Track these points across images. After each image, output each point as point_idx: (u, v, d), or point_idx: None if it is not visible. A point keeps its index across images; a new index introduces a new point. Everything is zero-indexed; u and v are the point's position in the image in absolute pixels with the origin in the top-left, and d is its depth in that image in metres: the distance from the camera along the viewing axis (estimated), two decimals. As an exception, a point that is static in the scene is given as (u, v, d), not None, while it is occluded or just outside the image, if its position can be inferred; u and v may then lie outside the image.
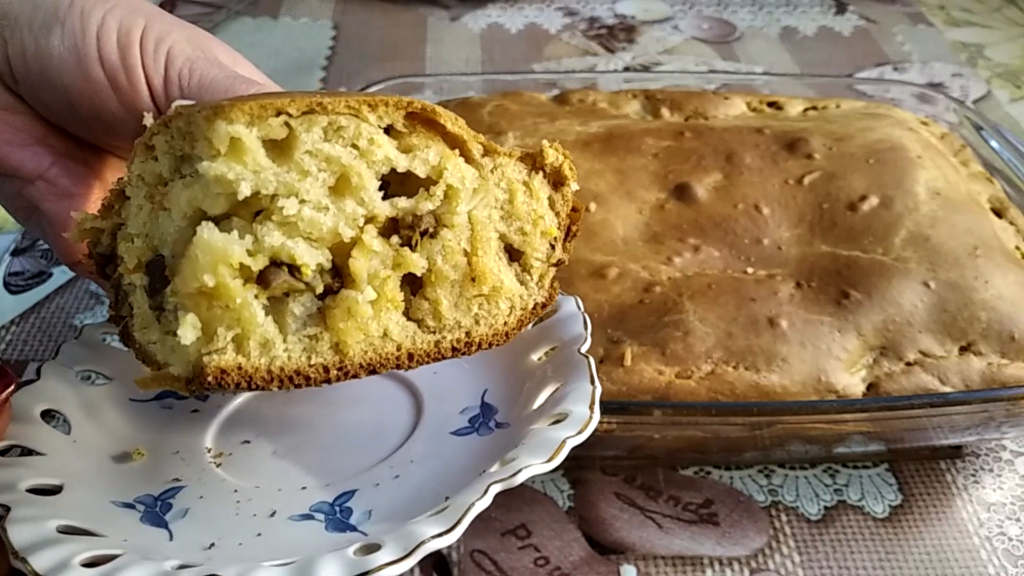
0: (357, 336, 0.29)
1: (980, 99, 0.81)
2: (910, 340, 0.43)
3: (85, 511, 0.32)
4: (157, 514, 0.33)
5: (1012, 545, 0.45)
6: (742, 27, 0.91)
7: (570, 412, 0.32)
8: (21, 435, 0.35)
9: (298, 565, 0.27)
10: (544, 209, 0.33)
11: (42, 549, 0.29)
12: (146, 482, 0.35)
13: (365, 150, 0.29)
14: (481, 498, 0.28)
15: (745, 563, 0.44)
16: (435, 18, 0.91)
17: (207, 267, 0.27)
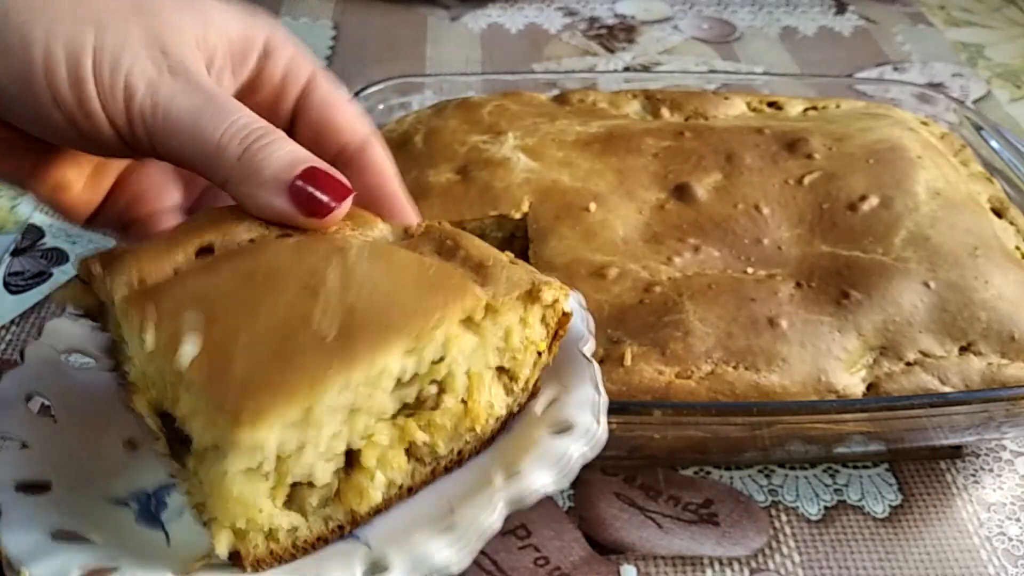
0: (368, 503, 0.31)
1: (980, 99, 0.81)
2: (910, 340, 0.43)
3: (77, 510, 0.31)
4: (152, 513, 0.32)
5: (1012, 545, 0.45)
6: (742, 27, 0.91)
7: (576, 424, 0.32)
8: (5, 425, 0.33)
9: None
10: (536, 332, 0.34)
11: (39, 559, 0.28)
12: (138, 476, 0.34)
13: (377, 383, 0.29)
14: (493, 522, 0.29)
15: (745, 563, 0.44)
16: (435, 18, 0.91)
17: (238, 513, 0.28)
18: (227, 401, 0.26)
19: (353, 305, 0.28)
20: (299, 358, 0.27)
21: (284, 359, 0.27)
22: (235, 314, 0.28)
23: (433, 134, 0.55)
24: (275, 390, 0.26)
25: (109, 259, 0.32)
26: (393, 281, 0.30)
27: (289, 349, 0.27)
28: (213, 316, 0.28)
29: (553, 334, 0.35)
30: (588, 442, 0.31)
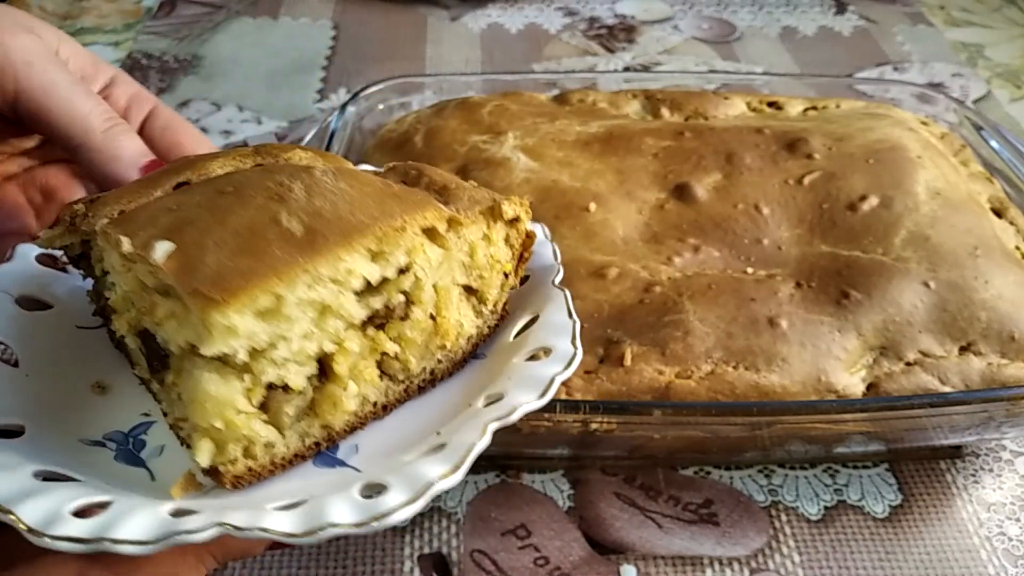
0: (343, 416, 0.32)
1: (980, 99, 0.81)
2: (910, 340, 0.43)
3: (54, 453, 0.30)
4: (131, 452, 0.32)
5: (1012, 545, 0.45)
6: (742, 27, 0.91)
7: (553, 347, 0.33)
8: None
9: (307, 510, 0.27)
10: (501, 251, 0.35)
11: (26, 499, 0.27)
12: (112, 418, 0.33)
13: (344, 281, 0.30)
14: (482, 439, 0.29)
15: (745, 563, 0.44)
16: (435, 18, 0.91)
17: (214, 413, 0.28)
18: (200, 287, 0.26)
19: (319, 209, 0.30)
20: (268, 250, 0.28)
21: (253, 252, 0.28)
22: (205, 220, 0.29)
23: (433, 134, 0.55)
24: (245, 276, 0.27)
25: (91, 201, 0.34)
26: (357, 193, 0.31)
27: (258, 244, 0.28)
28: (184, 221, 0.29)
29: (519, 256, 0.36)
30: (565, 364, 0.32)
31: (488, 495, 0.46)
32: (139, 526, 0.26)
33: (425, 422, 0.33)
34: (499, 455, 0.48)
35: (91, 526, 0.26)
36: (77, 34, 0.87)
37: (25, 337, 0.35)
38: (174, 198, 0.32)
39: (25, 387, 0.33)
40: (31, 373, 0.34)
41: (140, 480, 0.31)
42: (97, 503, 0.27)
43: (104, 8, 0.91)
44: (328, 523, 0.26)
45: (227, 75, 0.81)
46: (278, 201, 0.30)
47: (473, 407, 0.32)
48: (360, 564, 0.43)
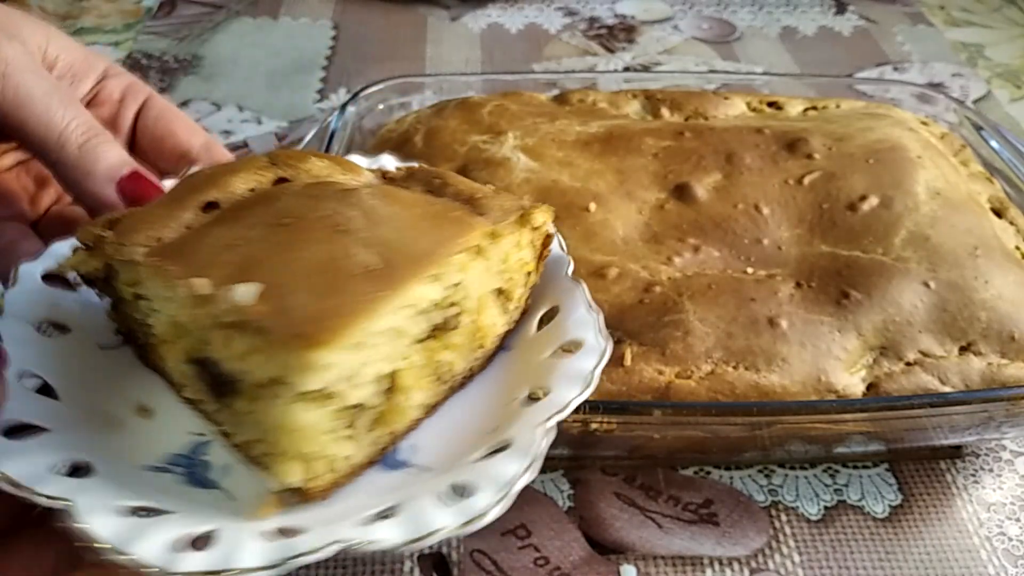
0: (406, 422, 0.33)
1: (980, 99, 0.81)
2: (910, 340, 0.43)
3: (130, 486, 0.29)
4: (200, 474, 0.32)
5: (1012, 545, 0.45)
6: (742, 27, 0.91)
7: (584, 340, 0.34)
8: (16, 410, 0.31)
9: (407, 517, 0.28)
10: (527, 254, 0.37)
11: (138, 539, 0.26)
12: (165, 441, 0.33)
13: (414, 305, 0.31)
14: (546, 436, 0.30)
15: (745, 563, 0.44)
16: (435, 18, 0.91)
17: (305, 440, 0.29)
18: (294, 329, 0.27)
19: (385, 239, 0.31)
20: (351, 286, 0.29)
21: (337, 291, 0.29)
22: (275, 257, 0.30)
23: (433, 134, 0.55)
24: (338, 315, 0.28)
25: (113, 223, 0.33)
26: (408, 216, 0.33)
27: (340, 280, 0.29)
28: (253, 260, 0.30)
29: (539, 255, 0.37)
30: (599, 357, 0.34)
31: (488, 495, 0.46)
32: (257, 552, 0.26)
33: (472, 418, 0.34)
34: (499, 455, 0.48)
35: (214, 558, 0.26)
36: (77, 34, 0.87)
37: (55, 367, 0.34)
38: (224, 232, 0.32)
39: (74, 421, 0.32)
40: (72, 405, 0.33)
41: (219, 501, 0.31)
42: (203, 533, 0.27)
43: (104, 8, 0.91)
44: (433, 529, 0.27)
45: (227, 75, 0.81)
46: (343, 233, 0.31)
47: (518, 401, 0.33)
48: (360, 564, 0.43)
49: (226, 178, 0.35)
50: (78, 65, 0.40)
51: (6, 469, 0.27)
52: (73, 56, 0.40)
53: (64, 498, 0.27)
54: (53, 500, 0.27)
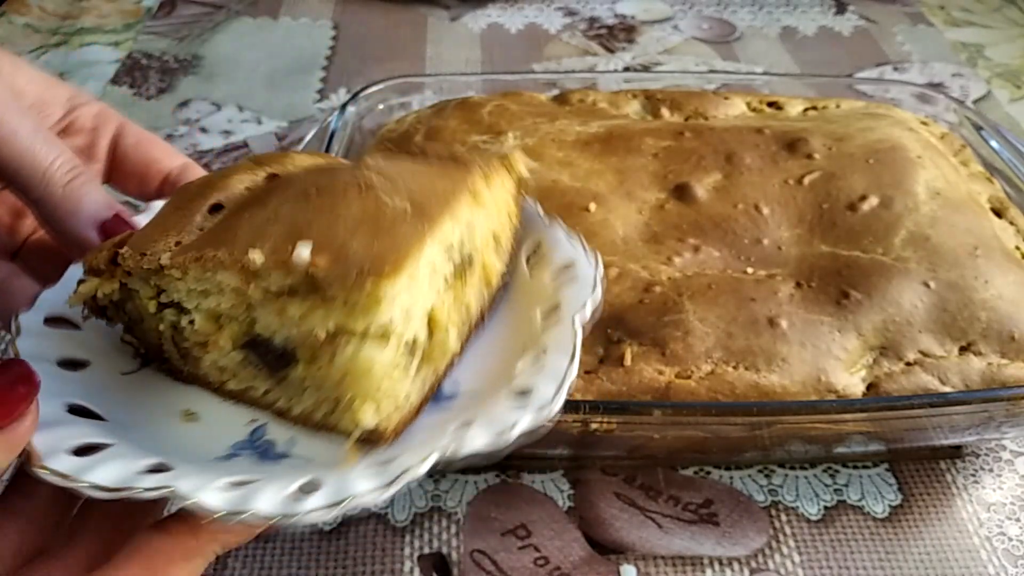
0: (447, 360, 0.35)
1: (980, 99, 0.81)
2: (910, 340, 0.43)
3: (214, 472, 0.30)
4: (270, 451, 0.33)
5: (1012, 545, 0.45)
6: (742, 27, 0.91)
7: (575, 259, 0.37)
8: (76, 434, 0.31)
9: (486, 421, 0.30)
10: (510, 198, 0.40)
11: (250, 499, 0.28)
12: (223, 434, 0.34)
13: (444, 243, 0.34)
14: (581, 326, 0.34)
15: (745, 563, 0.44)
16: (435, 18, 0.91)
17: (377, 378, 0.31)
18: (360, 272, 0.29)
19: (408, 188, 0.34)
20: (395, 229, 0.31)
21: (384, 233, 0.31)
22: (315, 220, 0.31)
23: (433, 134, 0.55)
24: (394, 251, 0.30)
25: (119, 245, 0.33)
26: (416, 172, 0.36)
27: (383, 226, 0.31)
28: (298, 226, 0.31)
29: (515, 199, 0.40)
30: (595, 266, 0.37)
31: (488, 495, 0.46)
32: (367, 477, 0.29)
33: (500, 347, 0.37)
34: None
35: (329, 494, 0.28)
36: (77, 34, 0.87)
37: (90, 395, 0.34)
38: (253, 216, 0.33)
39: (133, 435, 0.33)
40: (120, 425, 0.33)
41: (299, 466, 0.32)
42: (306, 482, 0.29)
43: (104, 8, 0.91)
44: (513, 424, 0.30)
45: (227, 75, 0.81)
46: (370, 189, 0.33)
47: (536, 320, 0.36)
48: (360, 564, 0.43)
49: (222, 181, 0.36)
50: (46, 95, 0.40)
51: (94, 479, 0.28)
52: (40, 87, 0.40)
53: (164, 486, 0.28)
54: (155, 491, 0.28)
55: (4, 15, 0.89)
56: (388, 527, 0.45)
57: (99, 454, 0.30)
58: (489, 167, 0.38)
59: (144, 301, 0.34)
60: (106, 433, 0.32)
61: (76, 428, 0.31)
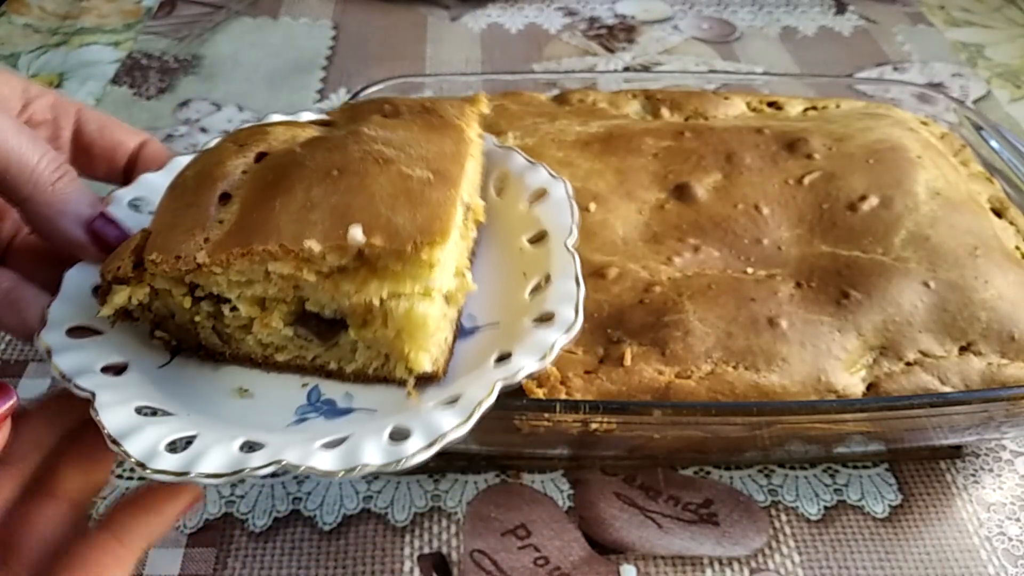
0: (464, 298, 0.39)
1: (980, 99, 0.81)
2: (910, 340, 0.43)
3: (300, 436, 0.33)
4: (333, 409, 0.36)
5: (1012, 545, 0.45)
6: (742, 27, 0.91)
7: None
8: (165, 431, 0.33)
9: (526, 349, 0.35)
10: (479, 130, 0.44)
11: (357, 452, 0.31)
12: (283, 402, 0.37)
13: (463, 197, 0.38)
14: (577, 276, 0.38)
15: (745, 563, 0.44)
16: (435, 18, 0.91)
17: (431, 329, 0.35)
18: (414, 244, 0.33)
19: (419, 155, 0.37)
20: (426, 197, 0.35)
21: (419, 202, 0.35)
22: (353, 201, 0.34)
23: (433, 134, 0.55)
24: (436, 219, 0.34)
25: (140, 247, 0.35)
26: (415, 138, 0.38)
27: (415, 196, 0.35)
28: (338, 209, 0.34)
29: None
30: (566, 191, 0.41)
31: (488, 495, 0.46)
32: (454, 413, 0.32)
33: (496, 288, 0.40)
34: (499, 455, 0.48)
35: (427, 435, 0.31)
36: (77, 34, 0.87)
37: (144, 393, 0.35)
38: (289, 202, 0.35)
39: (204, 421, 0.34)
40: (188, 414, 0.35)
41: (368, 417, 0.36)
42: (396, 428, 0.32)
43: (104, 8, 0.91)
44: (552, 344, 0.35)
45: (227, 75, 0.81)
46: (389, 163, 0.36)
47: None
48: (360, 564, 0.43)
49: (216, 169, 0.37)
50: (3, 90, 0.40)
51: (205, 469, 0.30)
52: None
53: (275, 460, 0.30)
54: (267, 466, 0.30)
55: (4, 15, 0.89)
56: (388, 527, 0.45)
57: (195, 445, 0.32)
58: (463, 113, 0.41)
59: (178, 298, 0.36)
60: (185, 425, 0.33)
61: (157, 427, 0.33)
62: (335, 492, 0.46)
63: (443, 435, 0.31)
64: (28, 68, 0.81)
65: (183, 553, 0.44)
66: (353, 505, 0.46)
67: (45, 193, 0.35)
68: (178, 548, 0.44)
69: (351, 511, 0.46)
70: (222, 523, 0.45)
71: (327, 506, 0.46)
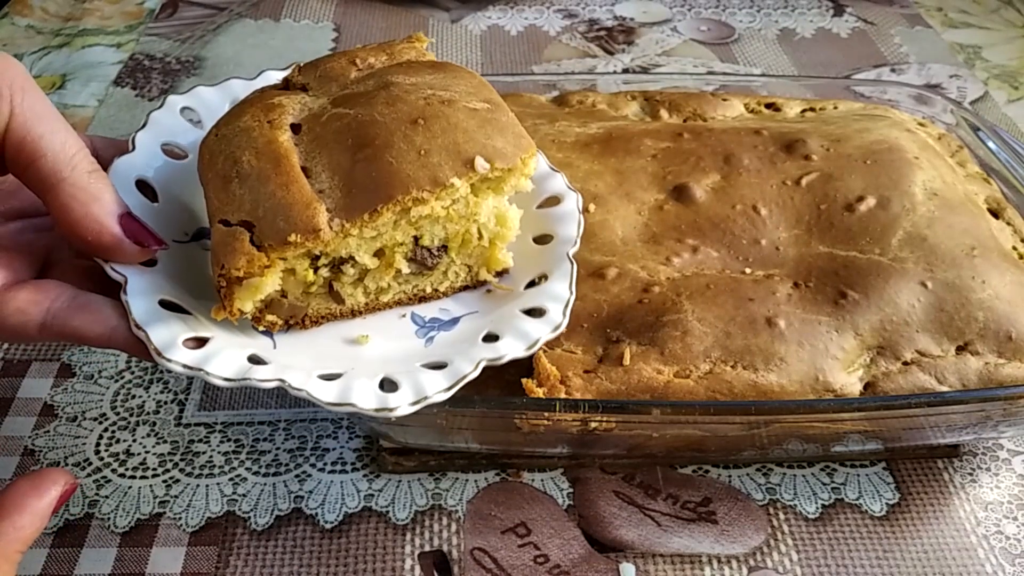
0: None
1: (977, 100, 0.82)
2: (907, 340, 0.43)
3: (441, 352, 0.39)
4: (443, 323, 0.41)
5: (1009, 543, 0.45)
6: (740, 29, 0.92)
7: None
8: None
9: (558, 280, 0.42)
10: None
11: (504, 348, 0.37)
12: (399, 334, 0.41)
13: None
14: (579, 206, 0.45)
15: (743, 561, 0.44)
16: (435, 20, 0.91)
17: (515, 227, 0.42)
18: (520, 156, 0.39)
19: (464, 91, 0.41)
20: (501, 122, 0.40)
21: (501, 128, 0.40)
22: (458, 140, 0.38)
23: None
24: (520, 137, 0.40)
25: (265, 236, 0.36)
26: (441, 78, 0.41)
27: (492, 124, 0.40)
28: (453, 150, 0.38)
29: None
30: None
31: (488, 493, 0.47)
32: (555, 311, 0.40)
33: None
34: (499, 454, 0.48)
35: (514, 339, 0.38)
36: (79, 35, 0.87)
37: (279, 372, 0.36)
38: (396, 157, 0.37)
39: (358, 373, 0.37)
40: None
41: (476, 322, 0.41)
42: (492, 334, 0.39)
43: (106, 10, 0.92)
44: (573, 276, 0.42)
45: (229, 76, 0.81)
46: (452, 103, 0.39)
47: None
48: (361, 562, 0.44)
49: (278, 147, 0.38)
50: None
51: (357, 402, 0.35)
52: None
53: (459, 376, 0.36)
54: (452, 388, 0.36)
55: (6, 16, 0.89)
56: (389, 525, 0.45)
57: (395, 386, 0.36)
58: (420, 52, 0.45)
59: (300, 274, 0.38)
60: (362, 376, 0.37)
61: (348, 382, 0.36)
62: (336, 491, 0.47)
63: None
64: (31, 69, 0.81)
65: (185, 551, 0.44)
66: (354, 504, 0.46)
67: (82, 179, 0.35)
68: (180, 546, 0.44)
69: (352, 509, 0.46)
70: (224, 521, 0.45)
71: (328, 504, 0.46)
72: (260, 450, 0.49)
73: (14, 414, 0.50)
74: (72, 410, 0.51)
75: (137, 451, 0.48)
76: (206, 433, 0.50)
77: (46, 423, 0.50)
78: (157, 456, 0.48)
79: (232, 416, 0.51)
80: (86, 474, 0.47)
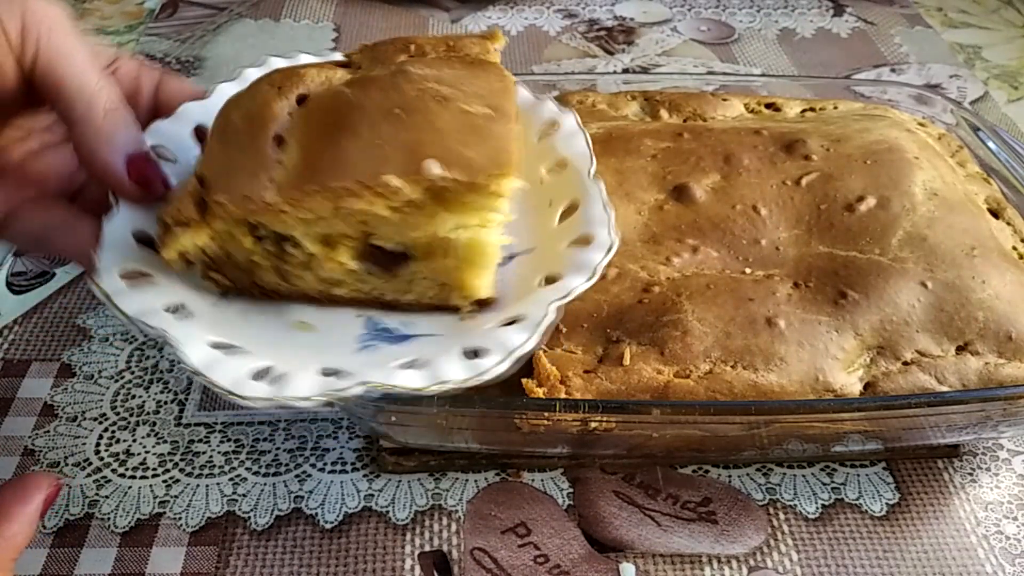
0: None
1: (977, 100, 0.82)
2: (907, 340, 0.43)
3: (374, 359, 0.36)
4: (396, 336, 0.38)
5: (1009, 543, 0.45)
6: (740, 29, 0.92)
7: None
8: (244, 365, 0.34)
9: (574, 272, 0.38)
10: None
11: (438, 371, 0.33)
12: (346, 330, 0.38)
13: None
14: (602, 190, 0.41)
15: (743, 561, 0.44)
16: (436, 20, 0.91)
17: (491, 257, 0.37)
18: (488, 176, 0.34)
19: (473, 91, 0.38)
20: (490, 131, 0.36)
21: (485, 137, 0.36)
22: (423, 137, 0.35)
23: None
24: (504, 151, 0.35)
25: (208, 190, 0.35)
26: (460, 75, 0.40)
27: (480, 131, 0.36)
28: (410, 145, 0.35)
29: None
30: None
31: (488, 493, 0.47)
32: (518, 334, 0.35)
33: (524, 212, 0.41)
34: (499, 454, 0.48)
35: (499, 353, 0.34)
36: (79, 36, 0.87)
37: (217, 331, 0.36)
38: (356, 141, 0.35)
39: (277, 353, 0.36)
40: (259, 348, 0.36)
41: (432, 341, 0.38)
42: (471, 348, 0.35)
43: (106, 10, 0.92)
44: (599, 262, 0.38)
45: (229, 76, 0.81)
46: (448, 100, 0.37)
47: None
48: (361, 562, 0.44)
49: (266, 111, 0.38)
50: (96, 47, 0.42)
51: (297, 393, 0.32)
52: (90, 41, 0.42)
53: (365, 381, 0.33)
54: (360, 386, 0.33)
55: (6, 17, 0.89)
56: (389, 525, 0.45)
57: (276, 374, 0.34)
58: (487, 51, 0.43)
59: (239, 240, 0.36)
60: (260, 356, 0.35)
61: (238, 360, 0.34)
62: (336, 491, 0.47)
63: (516, 349, 0.34)
64: (30, 70, 0.81)
65: (185, 551, 0.44)
66: (354, 504, 0.46)
67: (97, 118, 0.36)
68: (180, 546, 0.44)
69: (352, 509, 0.46)
70: (224, 521, 0.45)
71: (328, 504, 0.46)
72: (260, 450, 0.49)
73: (14, 414, 0.50)
74: (72, 410, 0.51)
75: (137, 451, 0.49)
76: (206, 433, 0.50)
77: (46, 423, 0.50)
78: (157, 456, 0.48)
79: (232, 416, 0.51)
80: (86, 474, 0.47)
